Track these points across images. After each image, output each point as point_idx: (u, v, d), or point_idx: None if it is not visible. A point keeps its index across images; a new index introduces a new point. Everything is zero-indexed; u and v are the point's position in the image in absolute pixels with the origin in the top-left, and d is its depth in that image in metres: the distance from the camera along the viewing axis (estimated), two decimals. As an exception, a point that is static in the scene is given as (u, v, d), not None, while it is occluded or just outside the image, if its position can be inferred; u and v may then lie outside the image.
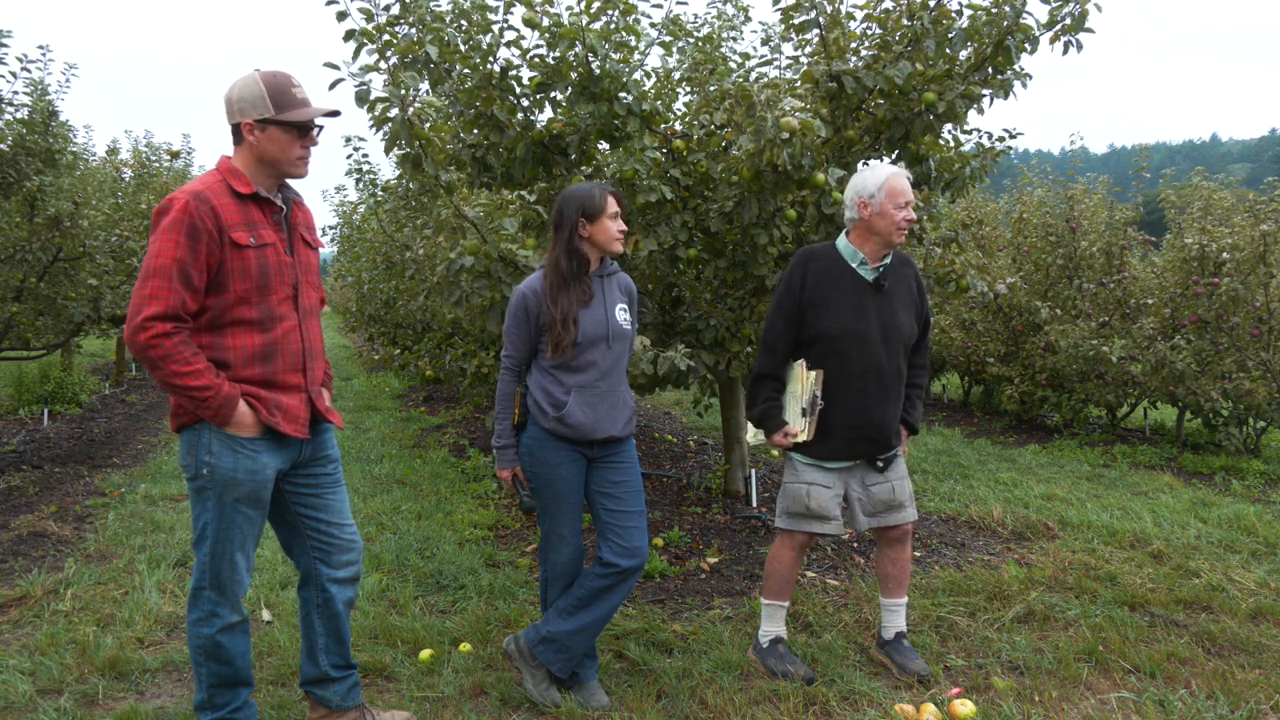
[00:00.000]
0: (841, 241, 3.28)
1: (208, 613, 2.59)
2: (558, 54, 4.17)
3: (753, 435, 3.48)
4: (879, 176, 3.18)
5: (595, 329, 3.03)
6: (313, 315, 2.72)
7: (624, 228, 3.07)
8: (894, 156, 4.49)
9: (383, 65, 4.06)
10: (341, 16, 4.01)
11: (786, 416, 3.30)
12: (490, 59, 4.19)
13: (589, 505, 3.16)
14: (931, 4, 4.11)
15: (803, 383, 3.23)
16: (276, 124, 2.51)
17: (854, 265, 3.24)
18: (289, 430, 2.58)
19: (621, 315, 3.12)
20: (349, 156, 9.39)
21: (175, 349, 2.38)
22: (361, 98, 3.94)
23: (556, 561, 3.14)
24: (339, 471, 2.82)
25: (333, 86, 3.89)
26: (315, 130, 2.59)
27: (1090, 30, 3.99)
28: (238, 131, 2.54)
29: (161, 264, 2.38)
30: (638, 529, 3.10)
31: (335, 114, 2.64)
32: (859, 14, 4.36)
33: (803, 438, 3.25)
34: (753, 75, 5.26)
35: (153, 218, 2.46)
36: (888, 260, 3.25)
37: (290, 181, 2.68)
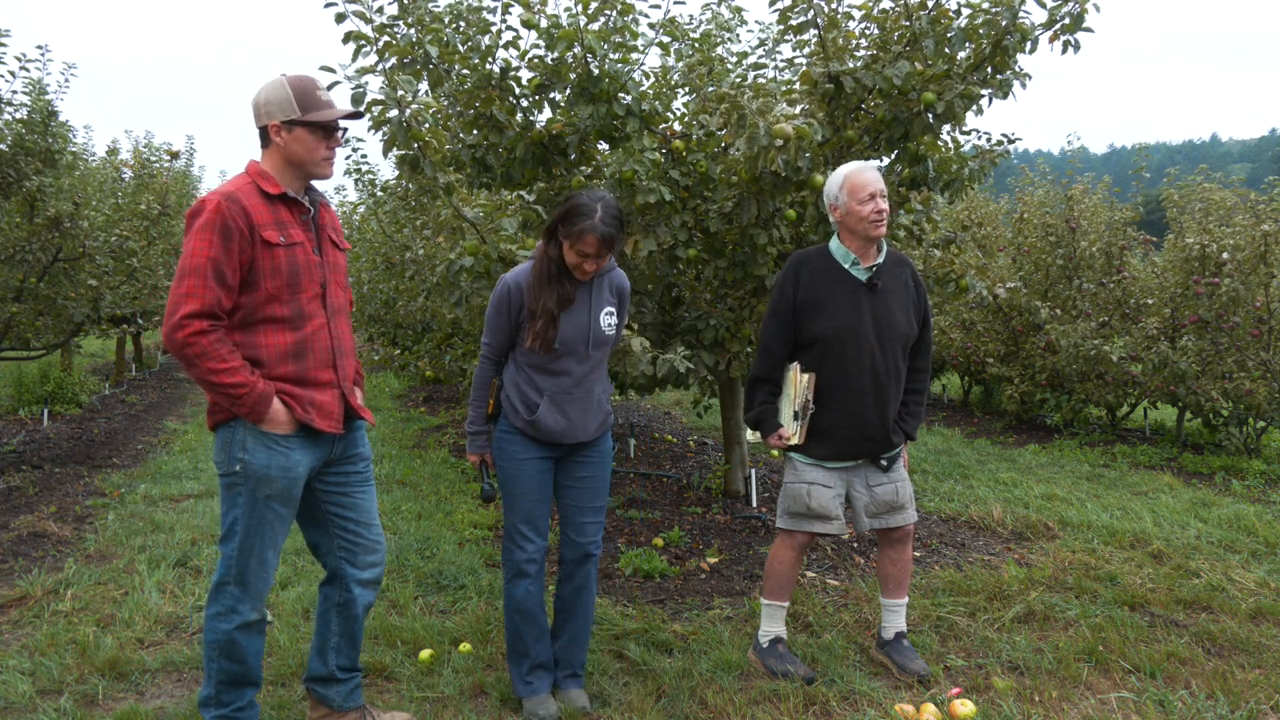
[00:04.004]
0: (834, 243, 3.30)
1: (228, 608, 2.61)
2: (556, 55, 4.17)
3: (752, 434, 3.51)
4: (839, 177, 3.22)
5: (575, 334, 2.96)
6: (341, 314, 2.76)
7: (591, 268, 2.92)
8: (893, 157, 4.49)
9: (380, 67, 4.06)
10: (340, 19, 4.01)
11: (781, 419, 3.31)
12: (489, 60, 4.19)
13: (555, 495, 3.15)
14: (929, 4, 4.11)
15: (795, 386, 3.25)
16: (302, 125, 2.58)
17: (846, 266, 3.25)
18: (324, 426, 2.62)
19: (606, 320, 3.03)
20: (348, 157, 9.44)
21: (211, 346, 2.44)
22: (358, 100, 3.95)
23: (516, 559, 3.06)
24: (369, 470, 2.86)
25: (329, 89, 3.88)
26: (340, 131, 2.67)
27: (1089, 29, 3.99)
28: (265, 134, 2.61)
29: (197, 263, 2.44)
30: (591, 524, 3.13)
31: (358, 115, 2.72)
32: (857, 14, 4.36)
33: (794, 441, 3.26)
34: (749, 75, 5.26)
35: (186, 220, 2.53)
36: (881, 259, 3.26)
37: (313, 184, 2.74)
